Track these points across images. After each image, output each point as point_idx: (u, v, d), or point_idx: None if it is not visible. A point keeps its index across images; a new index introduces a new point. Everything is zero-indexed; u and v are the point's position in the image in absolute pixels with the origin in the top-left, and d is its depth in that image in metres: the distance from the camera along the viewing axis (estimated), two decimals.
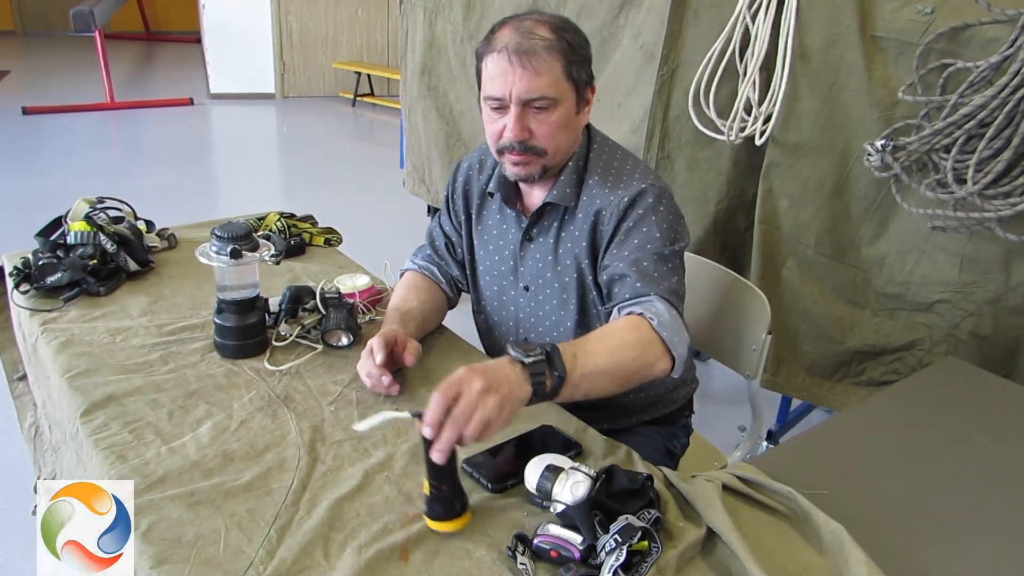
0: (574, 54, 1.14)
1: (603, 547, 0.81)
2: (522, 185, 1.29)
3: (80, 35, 7.26)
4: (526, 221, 1.29)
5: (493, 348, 1.44)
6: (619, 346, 1.05)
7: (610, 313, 1.17)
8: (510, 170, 1.22)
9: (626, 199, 1.19)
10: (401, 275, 1.45)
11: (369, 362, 1.15)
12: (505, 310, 1.38)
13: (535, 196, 1.29)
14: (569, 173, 1.23)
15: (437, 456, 0.85)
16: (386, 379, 1.14)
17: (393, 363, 1.17)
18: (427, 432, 0.85)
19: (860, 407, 1.41)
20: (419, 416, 0.86)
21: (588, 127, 1.28)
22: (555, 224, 1.26)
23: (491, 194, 1.33)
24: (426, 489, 0.88)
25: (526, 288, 1.33)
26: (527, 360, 0.93)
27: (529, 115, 1.15)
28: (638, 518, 0.85)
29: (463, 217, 1.39)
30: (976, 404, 1.31)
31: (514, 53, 1.10)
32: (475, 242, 1.39)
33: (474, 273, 1.41)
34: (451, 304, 1.45)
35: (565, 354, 0.97)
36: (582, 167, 1.25)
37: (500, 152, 1.20)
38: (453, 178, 1.42)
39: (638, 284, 1.13)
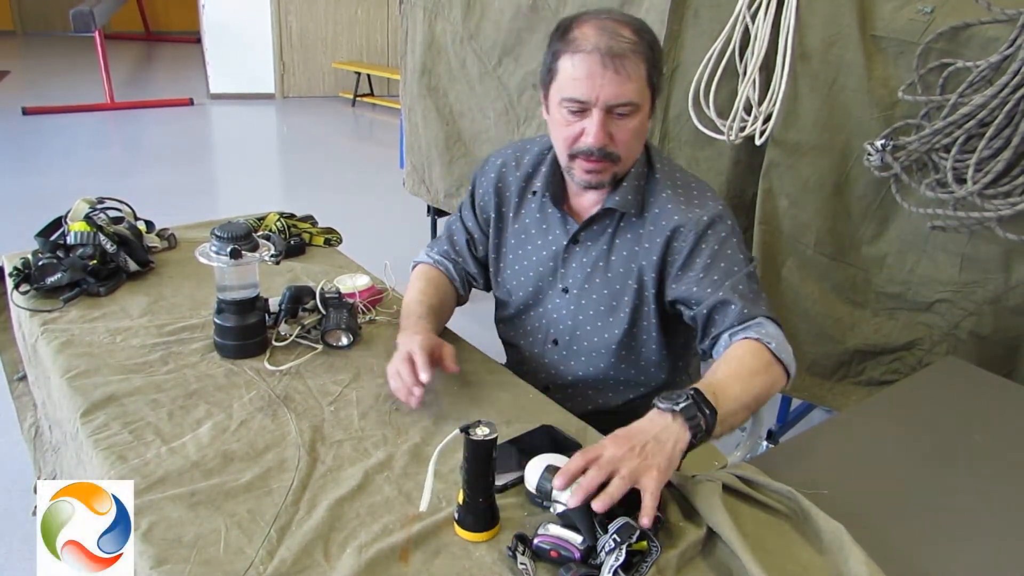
0: (654, 58, 1.12)
1: (603, 547, 0.81)
2: (571, 186, 1.26)
3: (80, 35, 7.27)
4: (574, 223, 1.26)
5: (515, 347, 1.41)
6: (749, 376, 1.06)
7: (716, 339, 1.16)
8: (581, 177, 1.17)
9: (705, 219, 1.17)
10: (414, 266, 1.43)
11: (409, 373, 1.11)
12: (537, 310, 1.35)
13: (586, 199, 1.26)
14: (631, 180, 1.20)
15: (576, 499, 0.84)
16: (418, 391, 1.10)
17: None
18: (572, 500, 0.84)
19: (860, 407, 1.41)
20: (466, 431, 0.85)
21: None
22: (608, 230, 1.24)
23: (535, 193, 1.30)
24: (460, 499, 0.88)
25: (565, 290, 1.30)
26: (678, 407, 0.93)
27: (611, 120, 1.11)
28: (637, 518, 0.85)
29: (492, 215, 1.36)
30: (976, 404, 1.31)
31: (607, 55, 1.06)
32: (510, 240, 1.35)
33: (498, 272, 1.39)
34: (460, 302, 1.43)
35: (708, 394, 0.97)
36: (644, 174, 1.22)
37: (573, 156, 1.16)
38: (481, 175, 1.38)
39: (745, 310, 1.14)
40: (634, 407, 1.36)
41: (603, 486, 0.85)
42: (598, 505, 0.83)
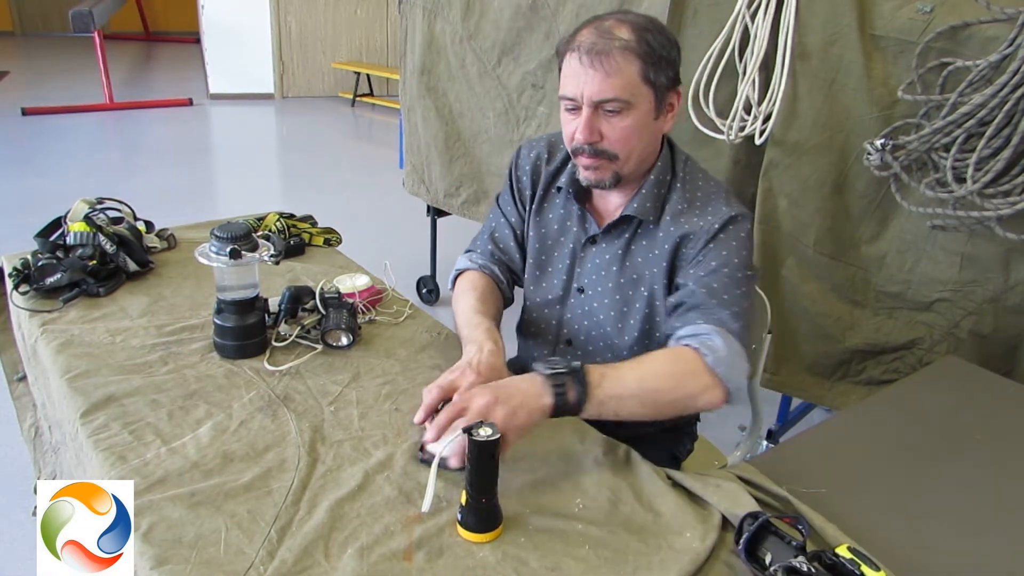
0: (653, 55, 1.10)
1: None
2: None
3: (79, 35, 7.27)
4: (593, 222, 1.26)
5: (528, 344, 1.39)
6: (651, 376, 1.06)
7: (669, 335, 1.15)
8: (582, 175, 1.19)
9: (716, 225, 1.16)
10: (458, 274, 1.37)
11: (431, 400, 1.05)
12: (549, 308, 1.34)
13: (609, 200, 1.26)
14: (651, 187, 1.20)
15: (430, 434, 0.94)
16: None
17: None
18: (428, 435, 0.90)
19: (860, 406, 1.41)
20: (469, 432, 0.86)
21: (669, 140, 1.24)
22: (626, 235, 1.23)
23: (559, 189, 1.29)
24: (463, 499, 0.88)
25: (580, 290, 1.29)
26: (547, 372, 0.99)
27: (600, 118, 1.12)
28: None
29: (528, 194, 1.34)
30: (976, 403, 1.31)
31: (586, 53, 1.08)
32: (529, 232, 1.35)
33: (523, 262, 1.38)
34: (507, 304, 1.38)
35: (592, 372, 1.01)
36: (665, 182, 1.21)
37: (574, 153, 1.18)
38: (518, 159, 1.36)
39: (706, 313, 1.11)
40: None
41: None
42: (430, 435, 0.94)
